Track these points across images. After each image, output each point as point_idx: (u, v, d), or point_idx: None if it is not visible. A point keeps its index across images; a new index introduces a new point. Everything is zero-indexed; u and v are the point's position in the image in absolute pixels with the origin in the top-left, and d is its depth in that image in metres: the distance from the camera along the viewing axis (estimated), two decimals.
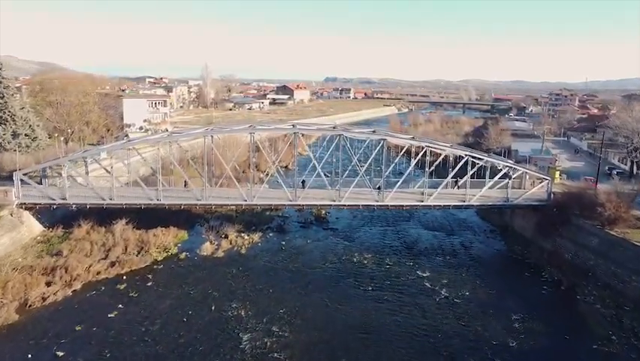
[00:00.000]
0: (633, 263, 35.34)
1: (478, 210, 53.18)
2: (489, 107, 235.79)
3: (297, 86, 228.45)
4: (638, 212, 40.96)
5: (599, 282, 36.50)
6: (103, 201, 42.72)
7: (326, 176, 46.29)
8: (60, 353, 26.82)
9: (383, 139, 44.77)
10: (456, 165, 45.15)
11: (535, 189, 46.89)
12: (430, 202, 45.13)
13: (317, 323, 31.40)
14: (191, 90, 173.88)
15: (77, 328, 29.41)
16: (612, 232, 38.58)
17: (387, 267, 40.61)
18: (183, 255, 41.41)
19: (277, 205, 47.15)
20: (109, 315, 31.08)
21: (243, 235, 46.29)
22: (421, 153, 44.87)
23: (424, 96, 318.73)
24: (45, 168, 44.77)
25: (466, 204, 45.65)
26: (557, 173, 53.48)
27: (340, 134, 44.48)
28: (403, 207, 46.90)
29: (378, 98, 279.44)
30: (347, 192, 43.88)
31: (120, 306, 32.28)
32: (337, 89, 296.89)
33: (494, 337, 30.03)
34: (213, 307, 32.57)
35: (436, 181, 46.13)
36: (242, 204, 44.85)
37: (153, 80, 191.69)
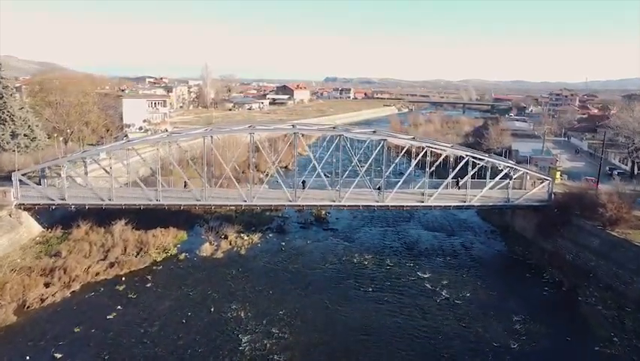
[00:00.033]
0: (634, 264, 35.20)
1: (479, 210, 53.04)
2: (489, 107, 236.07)
3: (297, 86, 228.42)
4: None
5: (600, 283, 36.35)
6: (102, 201, 42.59)
7: (326, 176, 46.15)
8: (58, 355, 26.65)
9: (383, 139, 44.64)
10: (456, 166, 45.01)
11: (535, 190, 46.75)
12: (430, 203, 45.00)
13: (317, 324, 31.25)
14: (191, 90, 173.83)
15: (76, 329, 29.27)
16: (613, 232, 38.45)
17: (387, 268, 40.46)
18: (182, 256, 41.26)
19: (277, 206, 46.99)
20: (107, 316, 30.93)
21: (242, 235, 46.15)
22: (421, 154, 44.75)
23: (424, 96, 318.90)
24: (44, 169, 44.62)
25: (466, 204, 45.51)
26: (558, 173, 53.33)
27: (340, 135, 44.33)
28: (403, 207, 46.79)
29: (378, 98, 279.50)
30: (347, 192, 43.74)
31: (119, 307, 32.12)
32: (337, 89, 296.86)
33: (495, 338, 29.88)
34: (213, 309, 32.43)
35: (437, 182, 46.05)
36: (241, 205, 44.70)
37: (153, 80, 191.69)
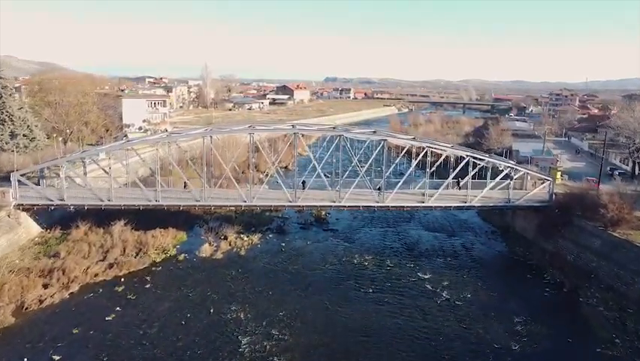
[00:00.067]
0: (636, 265, 35.03)
1: (479, 211, 52.84)
2: (489, 107, 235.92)
3: (297, 86, 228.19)
4: None
5: (601, 284, 36.17)
6: (101, 202, 42.41)
7: (326, 177, 45.99)
8: (56, 357, 26.47)
9: (384, 140, 44.47)
10: (457, 166, 44.85)
11: (536, 190, 46.57)
12: (430, 203, 44.83)
13: (317, 325, 31.08)
14: (191, 90, 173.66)
15: (74, 331, 29.09)
16: (615, 233, 38.28)
17: (387, 268, 40.28)
18: (182, 256, 41.08)
19: (277, 206, 46.79)
20: (106, 318, 30.75)
21: (242, 236, 45.97)
22: (421, 154, 44.58)
23: (424, 96, 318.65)
24: (43, 169, 44.43)
25: (467, 205, 45.33)
26: (559, 174, 53.11)
27: (340, 135, 44.16)
28: (403, 208, 46.63)
29: (378, 98, 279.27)
30: (347, 193, 43.56)
31: (118, 309, 31.94)
32: (337, 89, 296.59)
33: (496, 340, 29.71)
34: (212, 310, 32.25)
35: (437, 182, 45.86)
36: (241, 205, 44.52)
37: (153, 80, 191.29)
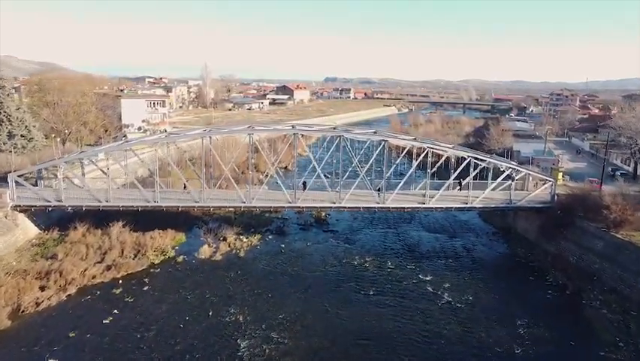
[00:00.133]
0: (639, 267, 34.65)
1: (481, 212, 52.47)
2: (489, 107, 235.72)
3: (297, 86, 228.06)
4: None
5: (604, 286, 35.80)
6: (99, 203, 42.04)
7: (326, 177, 45.63)
8: None
9: (384, 140, 44.10)
10: (458, 167, 44.47)
11: (538, 191, 46.21)
12: (431, 204, 44.46)
13: (317, 328, 30.71)
14: (191, 90, 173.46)
15: (71, 334, 28.72)
16: (618, 234, 37.91)
17: (388, 270, 39.92)
18: (181, 258, 40.71)
19: (276, 207, 46.42)
20: (104, 321, 30.37)
21: (241, 237, 45.60)
22: (422, 155, 44.21)
23: (424, 96, 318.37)
24: (41, 170, 44.07)
25: (468, 206, 44.97)
26: (560, 174, 52.71)
27: (341, 135, 43.79)
28: (404, 209, 46.24)
29: (378, 98, 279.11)
30: (347, 193, 43.20)
31: (115, 311, 31.56)
32: (337, 89, 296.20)
33: (498, 343, 29.35)
34: (211, 313, 31.89)
35: (438, 183, 45.53)
36: (241, 206, 44.14)
37: (153, 80, 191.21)
